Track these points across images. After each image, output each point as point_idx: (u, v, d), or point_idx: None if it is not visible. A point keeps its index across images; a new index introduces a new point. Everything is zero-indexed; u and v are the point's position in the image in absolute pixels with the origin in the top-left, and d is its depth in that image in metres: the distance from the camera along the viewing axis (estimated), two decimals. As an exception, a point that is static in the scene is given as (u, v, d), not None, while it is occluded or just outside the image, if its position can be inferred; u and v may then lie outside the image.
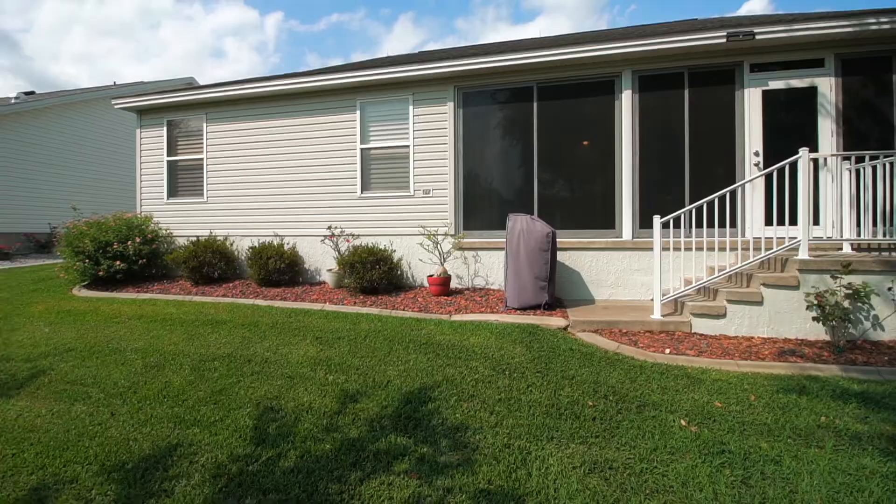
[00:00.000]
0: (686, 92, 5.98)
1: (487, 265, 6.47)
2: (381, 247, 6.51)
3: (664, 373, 3.66)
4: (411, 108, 6.80)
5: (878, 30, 5.20)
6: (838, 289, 4.12)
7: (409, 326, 4.70)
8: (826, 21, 5.33)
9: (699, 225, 4.87)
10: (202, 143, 7.81)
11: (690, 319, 4.59)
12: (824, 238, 4.77)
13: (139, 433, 2.91)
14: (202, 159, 7.80)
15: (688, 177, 5.93)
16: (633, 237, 5.99)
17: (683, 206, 5.14)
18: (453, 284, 6.47)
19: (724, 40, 5.50)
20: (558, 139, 6.38)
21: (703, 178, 5.85)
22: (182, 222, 7.87)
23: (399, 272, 6.63)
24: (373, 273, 5.94)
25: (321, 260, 7.16)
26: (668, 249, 4.93)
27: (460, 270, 6.57)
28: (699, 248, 4.86)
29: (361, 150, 7.00)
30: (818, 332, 4.31)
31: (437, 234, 6.45)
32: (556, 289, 5.64)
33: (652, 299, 4.85)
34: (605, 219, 6.20)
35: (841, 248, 4.89)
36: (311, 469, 2.49)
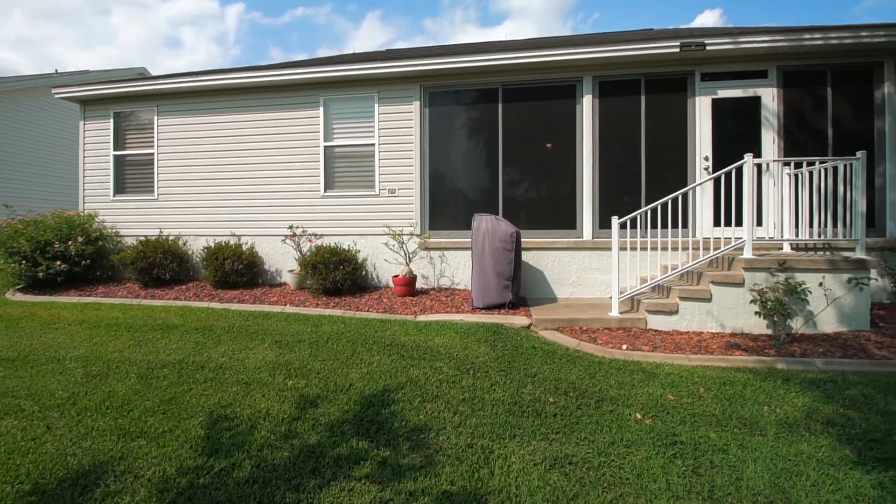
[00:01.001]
0: (643, 98, 6.22)
1: (453, 265, 6.49)
2: (345, 247, 6.39)
3: (621, 368, 3.79)
4: (377, 106, 6.72)
5: (812, 45, 5.60)
6: (777, 286, 4.41)
7: (373, 328, 4.64)
8: (767, 35, 5.69)
9: (654, 226, 5.09)
10: (153, 137, 7.40)
11: (646, 316, 4.78)
12: (767, 238, 5.09)
13: (78, 448, 2.71)
14: (153, 154, 7.39)
15: (644, 179, 6.18)
16: (593, 237, 6.17)
17: (640, 208, 5.35)
18: (419, 284, 6.44)
19: (677, 50, 5.77)
20: (523, 141, 6.48)
21: (658, 181, 6.11)
22: (130, 221, 7.43)
23: (363, 273, 6.53)
24: (336, 274, 5.82)
25: (282, 261, 6.94)
26: (625, 249, 5.11)
27: (426, 270, 6.55)
28: (654, 248, 5.08)
29: (325, 147, 6.85)
30: (761, 327, 4.60)
31: (403, 234, 6.40)
32: (520, 288, 5.72)
33: (610, 297, 5.01)
34: (567, 219, 6.35)
35: (782, 248, 5.23)
36: (268, 479, 2.40)
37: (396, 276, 6.07)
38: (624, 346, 4.27)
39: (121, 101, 7.50)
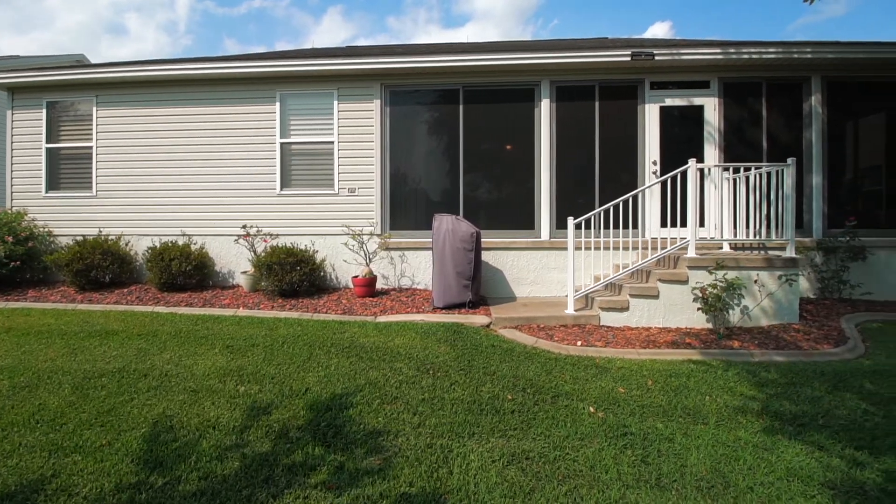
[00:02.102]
0: (597, 104, 6.46)
1: (414, 265, 6.47)
2: (303, 247, 6.22)
3: (576, 364, 3.92)
4: (336, 103, 6.58)
5: (749, 59, 6.02)
6: (717, 283, 4.71)
7: (331, 330, 4.54)
8: (709, 48, 6.07)
9: (607, 226, 5.30)
10: (91, 130, 6.88)
11: (599, 313, 4.97)
12: (709, 238, 5.43)
13: (3, 466, 2.49)
14: (91, 147, 6.88)
15: (598, 182, 6.42)
16: (550, 237, 6.34)
17: (594, 209, 5.55)
18: (380, 285, 6.37)
19: (628, 58, 6.03)
20: (484, 142, 6.56)
21: (611, 184, 6.36)
22: (65, 219, 6.87)
23: (322, 273, 6.38)
24: (293, 275, 5.65)
25: (235, 262, 6.66)
26: (580, 249, 5.29)
27: (387, 271, 6.49)
28: (607, 248, 5.29)
29: (281, 144, 6.63)
30: (703, 322, 4.89)
31: (363, 234, 6.30)
32: (480, 287, 5.79)
33: (566, 295, 5.17)
34: (525, 220, 6.49)
35: (722, 247, 5.59)
36: (217, 490, 2.30)
37: (356, 277, 5.98)
38: (579, 343, 4.42)
39: (56, 90, 6.93)
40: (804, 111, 6.33)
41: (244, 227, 6.41)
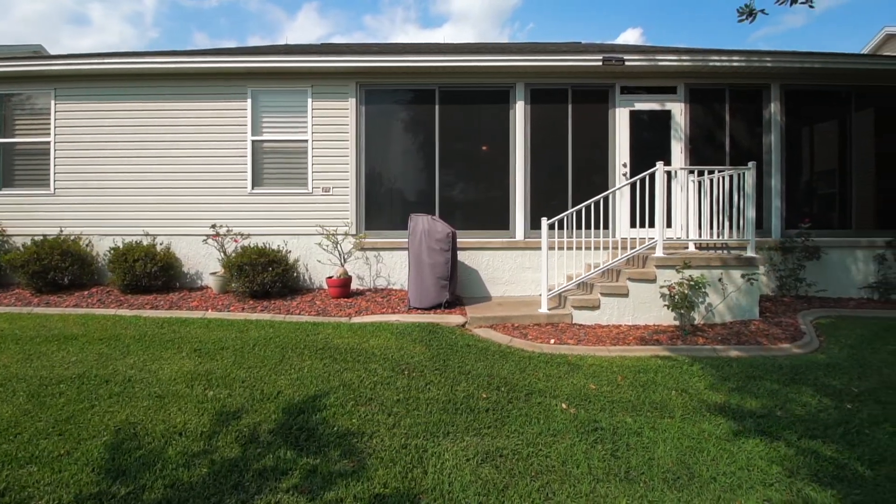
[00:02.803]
0: (570, 107, 6.59)
1: (390, 265, 6.44)
2: (275, 247, 6.10)
3: (549, 361, 3.99)
4: (310, 100, 6.48)
5: (713, 66, 6.26)
6: (683, 281, 4.88)
7: (304, 332, 4.47)
8: (676, 55, 6.28)
9: (579, 227, 5.41)
10: (49, 124, 6.54)
11: (571, 312, 5.07)
12: (675, 238, 5.61)
13: (-53, 481, 2.34)
14: (49, 143, 6.54)
15: (571, 183, 6.55)
16: (525, 237, 6.43)
17: (567, 210, 5.65)
18: (354, 286, 6.31)
19: (600, 63, 6.17)
20: (459, 143, 6.59)
21: (583, 185, 6.50)
22: (21, 218, 6.51)
23: (295, 274, 6.28)
24: (265, 276, 5.53)
25: (203, 262, 6.46)
26: (553, 249, 5.39)
27: (362, 271, 6.44)
28: (579, 248, 5.41)
29: (253, 142, 6.48)
30: (670, 319, 5.07)
31: (337, 234, 6.23)
32: (456, 287, 5.81)
33: (540, 295, 5.26)
34: (501, 220, 6.56)
35: (688, 247, 5.79)
36: (184, 498, 2.23)
37: (330, 278, 5.91)
38: (552, 341, 4.50)
39: (10, 82, 6.55)
40: (764, 117, 6.63)
41: (213, 226, 6.23)
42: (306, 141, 6.48)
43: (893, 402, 3.41)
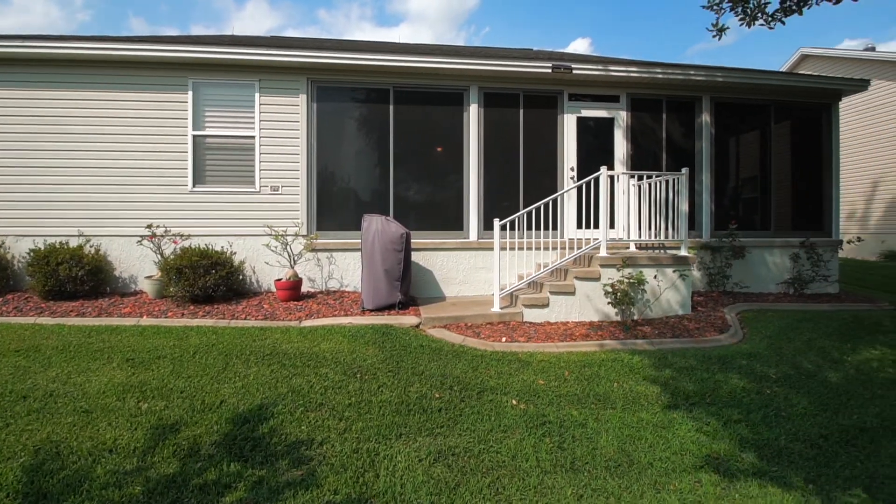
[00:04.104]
0: (521, 111, 6.77)
1: (343, 267, 6.31)
2: (219, 248, 5.80)
3: (500, 359, 4.08)
4: (258, 95, 6.21)
5: (651, 77, 6.67)
6: (624, 279, 5.17)
7: (250, 337, 4.29)
8: (621, 66, 6.63)
9: (530, 227, 5.58)
10: (-49, 112, 5.83)
11: (522, 310, 5.22)
12: (618, 239, 5.92)
13: None
14: (-50, 133, 5.83)
15: (522, 185, 6.73)
16: (478, 238, 6.53)
17: (519, 211, 5.81)
18: (306, 288, 6.13)
19: (549, 70, 6.39)
20: (414, 143, 6.58)
21: (534, 187, 6.70)
22: (-86, 217, 5.76)
23: (241, 277, 6.00)
24: (207, 279, 5.25)
25: (138, 265, 6.02)
26: (505, 249, 5.52)
27: (313, 273, 6.26)
28: (530, 248, 5.57)
29: (194, 137, 6.12)
30: (614, 315, 5.34)
31: (287, 235, 6.02)
32: (410, 288, 5.80)
33: (493, 294, 5.36)
34: (455, 221, 6.62)
35: (629, 247, 6.13)
36: (114, 518, 2.08)
37: (279, 280, 5.70)
38: (503, 339, 4.61)
39: None
40: (696, 127, 7.15)
41: (150, 226, 5.82)
42: (253, 137, 6.21)
43: (805, 386, 3.80)
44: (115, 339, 4.15)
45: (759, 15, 4.62)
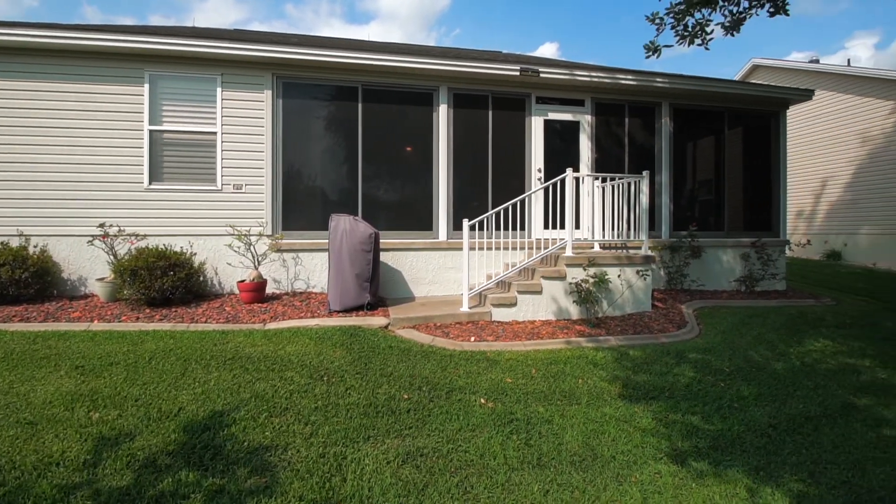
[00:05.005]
0: (490, 113, 6.84)
1: (309, 267, 6.18)
2: (178, 249, 5.56)
3: (469, 359, 4.11)
4: (219, 90, 5.99)
5: (614, 83, 6.88)
6: (588, 278, 5.31)
7: (211, 341, 4.13)
8: (586, 71, 6.81)
9: (499, 228, 5.65)
10: None
11: (491, 309, 5.28)
12: (583, 239, 6.09)
13: None
14: None
15: (491, 186, 6.80)
16: (447, 238, 6.55)
17: (487, 211, 5.87)
18: (271, 289, 5.97)
19: (517, 73, 6.49)
20: (383, 143, 6.52)
21: (502, 188, 6.78)
22: None
23: (201, 279, 5.77)
24: (164, 280, 5.02)
25: (89, 267, 5.69)
26: (474, 249, 5.57)
27: (278, 274, 6.10)
28: (499, 248, 5.65)
29: (151, 132, 5.83)
30: (579, 313, 5.48)
31: (251, 235, 5.84)
32: (379, 288, 5.75)
33: (462, 294, 5.39)
34: (424, 221, 6.61)
35: (593, 247, 6.31)
36: (59, 536, 1.96)
37: (242, 282, 5.52)
38: (472, 339, 4.64)
39: None
40: (657, 131, 7.44)
41: (102, 225, 5.51)
42: (215, 133, 5.99)
43: (755, 378, 4.02)
44: (64, 345, 3.90)
45: (699, 33, 4.90)
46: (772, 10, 4.75)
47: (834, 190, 12.44)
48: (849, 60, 15.15)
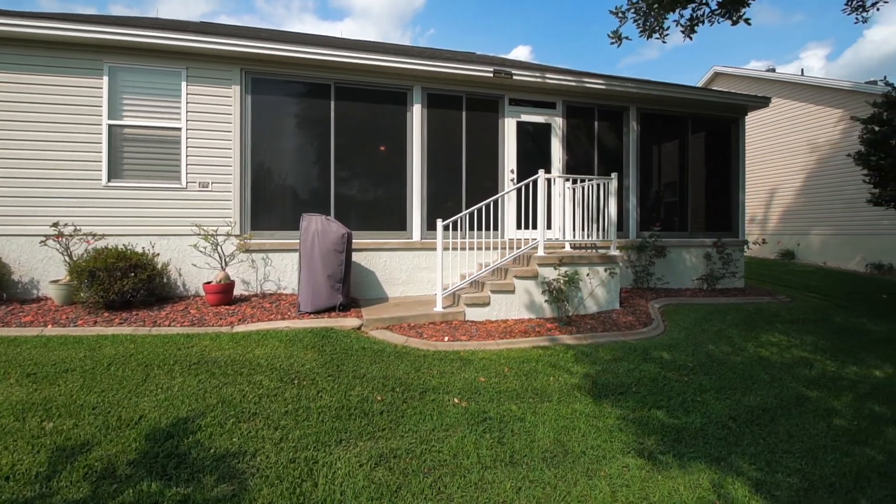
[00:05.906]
0: (464, 114, 6.86)
1: (280, 268, 6.04)
2: (139, 249, 5.33)
3: (443, 359, 4.12)
4: (185, 84, 5.77)
5: (584, 87, 7.04)
6: (559, 277, 5.42)
7: (175, 345, 3.98)
8: (558, 74, 6.93)
9: (472, 228, 5.69)
10: None
11: (465, 309, 5.31)
12: (554, 239, 6.21)
13: None
14: None
15: (464, 186, 6.83)
16: (421, 238, 6.54)
17: (461, 212, 5.89)
18: (239, 291, 5.80)
19: (490, 74, 6.54)
20: (356, 142, 6.44)
21: (476, 189, 6.83)
22: None
23: (165, 280, 5.55)
24: (125, 282, 4.80)
25: (42, 268, 5.38)
26: (448, 249, 5.58)
27: (247, 275, 5.94)
28: (472, 248, 5.68)
29: (110, 126, 5.56)
30: (550, 311, 5.58)
31: (218, 235, 5.66)
32: (351, 289, 5.68)
33: (436, 294, 5.40)
34: (398, 221, 6.58)
35: (564, 247, 6.44)
36: (7, 555, 1.84)
37: (209, 283, 5.34)
38: (446, 339, 4.65)
39: None
40: (624, 134, 7.66)
41: (56, 225, 5.22)
42: (180, 129, 5.77)
43: (715, 373, 4.20)
44: (14, 351, 3.67)
45: (657, 28, 5.33)
46: (731, 17, 5.04)
47: (787, 193, 13.14)
48: (802, 70, 16.04)
